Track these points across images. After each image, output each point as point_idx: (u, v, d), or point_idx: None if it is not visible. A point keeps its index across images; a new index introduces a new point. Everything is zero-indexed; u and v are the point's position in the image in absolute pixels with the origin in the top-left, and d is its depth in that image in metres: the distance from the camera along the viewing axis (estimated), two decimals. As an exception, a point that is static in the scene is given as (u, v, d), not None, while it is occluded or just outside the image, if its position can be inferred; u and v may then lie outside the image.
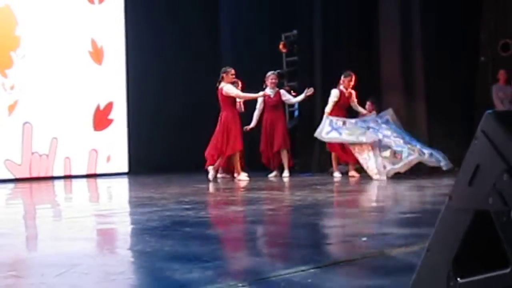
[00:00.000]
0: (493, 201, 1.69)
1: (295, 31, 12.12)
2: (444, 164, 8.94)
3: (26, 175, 10.86)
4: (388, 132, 9.22)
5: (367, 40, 11.29)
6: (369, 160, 8.95)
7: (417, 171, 9.20)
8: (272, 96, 10.26)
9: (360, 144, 9.08)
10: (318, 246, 4.07)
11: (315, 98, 11.34)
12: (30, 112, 10.90)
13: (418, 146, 9.12)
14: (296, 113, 11.89)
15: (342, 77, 9.91)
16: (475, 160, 1.75)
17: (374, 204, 6.17)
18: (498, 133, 1.70)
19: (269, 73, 10.39)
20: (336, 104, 9.84)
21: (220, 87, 9.63)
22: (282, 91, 10.44)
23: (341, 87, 9.93)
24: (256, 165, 10.49)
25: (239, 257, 3.64)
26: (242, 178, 9.44)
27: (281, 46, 12.23)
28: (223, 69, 9.79)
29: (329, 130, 9.48)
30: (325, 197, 6.88)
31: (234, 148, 9.48)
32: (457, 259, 1.76)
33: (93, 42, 11.86)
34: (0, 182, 10.20)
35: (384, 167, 8.86)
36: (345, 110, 10.00)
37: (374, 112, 10.15)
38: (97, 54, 11.91)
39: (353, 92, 10.00)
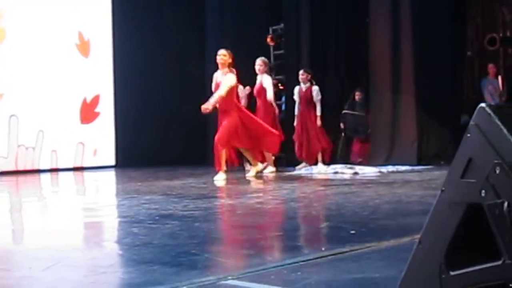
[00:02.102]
0: (485, 194, 1.69)
1: (282, 25, 12.10)
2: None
3: (13, 168, 10.79)
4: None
5: (355, 34, 11.31)
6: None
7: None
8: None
9: None
10: (307, 239, 4.08)
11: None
12: (17, 104, 10.82)
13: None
14: (283, 106, 11.88)
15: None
16: (468, 153, 1.75)
17: (361, 198, 6.18)
18: (491, 126, 1.70)
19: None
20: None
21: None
22: (314, 88, 10.38)
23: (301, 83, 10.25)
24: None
25: (228, 250, 3.64)
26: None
27: (268, 39, 12.20)
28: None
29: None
30: (313, 190, 6.90)
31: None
32: (449, 251, 1.76)
33: (80, 35, 11.79)
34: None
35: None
36: (307, 106, 10.23)
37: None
38: (84, 47, 11.84)
39: (315, 88, 10.21)
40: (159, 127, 12.15)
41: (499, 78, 10.84)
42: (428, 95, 10.15)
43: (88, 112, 11.82)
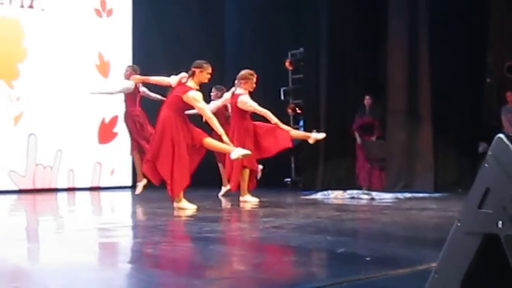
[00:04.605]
0: (502, 225, 1.68)
1: (301, 49, 12.15)
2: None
3: (30, 186, 10.86)
4: None
5: (373, 59, 11.31)
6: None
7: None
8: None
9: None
10: (322, 265, 4.05)
11: (320, 115, 11.35)
12: (35, 123, 10.93)
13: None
14: (302, 130, 11.88)
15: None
16: (485, 184, 1.74)
17: (377, 224, 6.15)
18: (508, 157, 1.69)
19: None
20: None
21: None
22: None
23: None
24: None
25: (242, 275, 3.62)
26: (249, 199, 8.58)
27: (287, 64, 12.26)
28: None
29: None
30: (329, 215, 6.86)
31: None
32: (465, 282, 1.75)
33: (100, 56, 11.90)
34: (4, 193, 10.20)
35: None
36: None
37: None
38: (103, 68, 11.95)
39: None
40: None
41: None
42: (445, 122, 10.10)
43: (106, 132, 11.90)
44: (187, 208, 7.34)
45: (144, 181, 9.48)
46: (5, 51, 10.79)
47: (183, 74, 7.60)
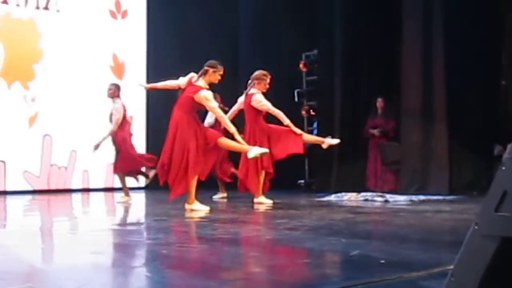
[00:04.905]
0: (520, 228, 1.67)
1: (315, 51, 12.13)
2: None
3: (44, 187, 10.92)
4: None
5: (388, 61, 11.28)
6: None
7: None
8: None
9: None
10: (336, 267, 4.04)
11: (334, 117, 11.33)
12: (50, 124, 10.98)
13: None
14: (315, 132, 11.87)
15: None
16: (503, 186, 1.73)
17: (391, 227, 6.13)
18: (526, 159, 1.68)
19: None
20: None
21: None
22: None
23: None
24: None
25: (256, 276, 3.61)
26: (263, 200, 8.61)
27: (301, 65, 12.24)
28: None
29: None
30: (343, 217, 6.84)
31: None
32: (482, 285, 1.73)
33: (115, 57, 11.95)
34: (19, 194, 10.26)
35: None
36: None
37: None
38: (118, 69, 11.99)
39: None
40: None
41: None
42: (460, 124, 10.04)
43: (120, 133, 11.91)
44: (199, 209, 7.34)
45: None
46: (20, 52, 10.85)
47: (192, 74, 7.58)
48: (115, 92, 9.34)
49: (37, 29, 11.07)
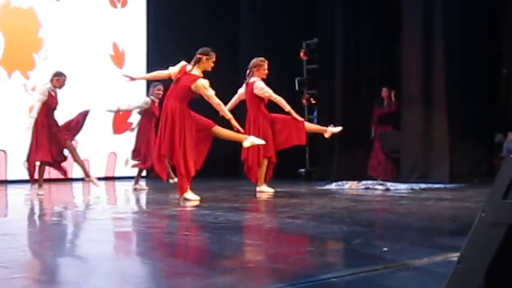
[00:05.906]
0: (528, 215, 1.66)
1: (316, 39, 12.11)
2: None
3: (45, 176, 10.88)
4: None
5: (388, 49, 11.26)
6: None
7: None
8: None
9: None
10: (338, 255, 4.04)
11: (335, 105, 11.33)
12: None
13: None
14: (315, 121, 11.87)
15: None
16: (510, 174, 1.72)
17: (393, 215, 6.14)
18: (534, 146, 1.67)
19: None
20: None
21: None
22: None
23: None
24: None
25: (258, 265, 3.62)
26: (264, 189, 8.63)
27: (301, 54, 12.23)
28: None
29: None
30: (344, 206, 6.85)
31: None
32: (489, 273, 1.73)
33: (115, 46, 11.93)
34: (19, 183, 10.25)
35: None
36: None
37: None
38: (118, 58, 11.98)
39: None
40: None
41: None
42: (461, 112, 10.05)
43: (121, 123, 11.93)
44: (191, 199, 7.27)
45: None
46: (20, 42, 10.82)
47: (183, 63, 7.54)
48: (57, 81, 9.22)
49: (37, 18, 11.04)
